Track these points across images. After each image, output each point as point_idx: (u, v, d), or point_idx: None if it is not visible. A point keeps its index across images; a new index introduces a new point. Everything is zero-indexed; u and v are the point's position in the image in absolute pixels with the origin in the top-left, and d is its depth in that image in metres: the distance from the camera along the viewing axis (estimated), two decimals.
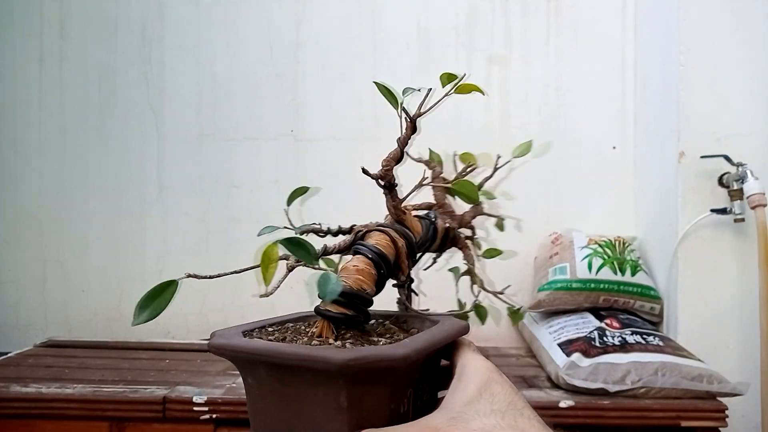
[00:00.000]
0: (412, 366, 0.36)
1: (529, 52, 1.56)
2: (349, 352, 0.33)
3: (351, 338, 0.40)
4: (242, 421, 1.00)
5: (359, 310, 0.41)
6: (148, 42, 1.61)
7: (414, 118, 0.42)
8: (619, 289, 1.28)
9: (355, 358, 0.32)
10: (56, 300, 1.61)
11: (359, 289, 0.41)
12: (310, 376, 0.34)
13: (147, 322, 0.35)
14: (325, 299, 0.37)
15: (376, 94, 0.42)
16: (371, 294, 0.42)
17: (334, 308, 0.40)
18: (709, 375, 1.04)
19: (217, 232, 1.59)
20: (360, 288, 0.41)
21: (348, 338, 0.40)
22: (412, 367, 0.36)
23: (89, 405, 1.03)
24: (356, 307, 0.41)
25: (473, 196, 0.45)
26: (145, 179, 1.60)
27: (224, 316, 1.57)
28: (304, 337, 0.41)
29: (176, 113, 1.60)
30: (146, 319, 0.36)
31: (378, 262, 0.42)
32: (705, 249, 1.24)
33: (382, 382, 0.34)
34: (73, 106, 1.62)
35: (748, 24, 1.24)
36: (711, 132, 1.24)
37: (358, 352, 0.33)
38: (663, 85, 1.35)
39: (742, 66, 1.24)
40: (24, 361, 1.30)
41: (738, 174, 1.19)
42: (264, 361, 0.36)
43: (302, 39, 1.59)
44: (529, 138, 0.56)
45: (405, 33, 1.57)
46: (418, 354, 0.35)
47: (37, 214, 1.62)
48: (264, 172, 1.58)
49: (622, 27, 1.54)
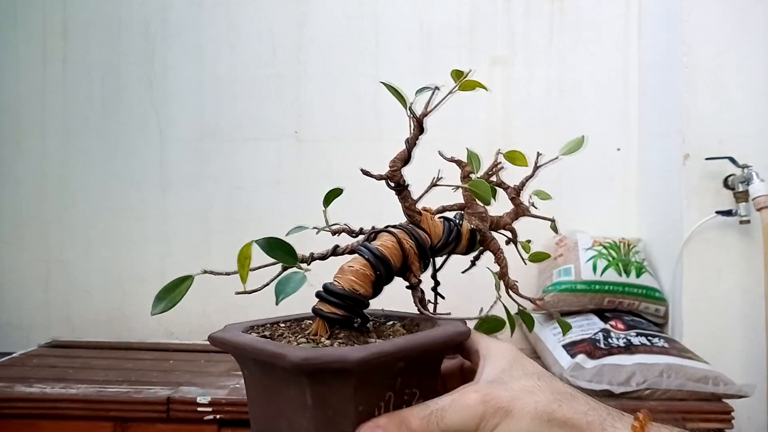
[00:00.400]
0: (380, 369, 0.35)
1: (531, 53, 1.55)
2: (305, 352, 0.34)
3: (343, 337, 0.40)
4: (246, 421, 0.99)
5: (351, 311, 0.41)
6: (151, 43, 1.61)
7: (421, 117, 0.42)
8: (623, 290, 1.28)
9: (307, 357, 0.33)
10: (59, 300, 1.61)
11: (351, 290, 0.41)
12: (282, 372, 0.35)
13: (163, 312, 0.38)
14: (277, 300, 0.37)
15: (378, 94, 0.41)
16: (364, 295, 0.42)
17: (326, 308, 0.41)
18: (714, 377, 1.03)
19: (219, 233, 1.59)
20: (352, 289, 0.41)
21: (340, 337, 0.40)
22: (380, 370, 0.36)
23: (93, 405, 1.03)
24: (348, 308, 0.41)
25: (486, 196, 0.44)
26: (147, 179, 1.60)
27: (227, 316, 1.56)
28: (300, 336, 0.41)
29: (179, 114, 1.60)
30: (162, 310, 0.38)
31: (375, 264, 0.42)
32: (710, 251, 1.24)
33: (344, 383, 0.34)
34: (76, 106, 1.62)
35: (751, 25, 1.24)
36: (715, 133, 1.23)
37: (313, 352, 0.34)
38: (667, 87, 1.35)
39: (746, 67, 1.24)
40: (28, 362, 1.30)
41: (743, 176, 1.19)
42: (249, 355, 0.38)
43: (304, 40, 1.59)
44: (532, 139, 0.55)
45: (407, 34, 1.57)
46: (380, 358, 0.34)
47: (39, 214, 1.62)
48: (266, 172, 1.58)
49: (626, 28, 1.54)
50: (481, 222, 0.48)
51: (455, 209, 0.50)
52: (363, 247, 0.43)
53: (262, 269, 0.40)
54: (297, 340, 0.40)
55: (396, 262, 0.43)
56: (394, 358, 0.36)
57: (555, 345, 1.20)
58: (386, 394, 0.36)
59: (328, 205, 0.47)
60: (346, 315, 0.41)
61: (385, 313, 0.49)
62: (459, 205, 0.50)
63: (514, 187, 0.51)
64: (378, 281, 0.42)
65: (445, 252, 0.47)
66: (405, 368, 0.37)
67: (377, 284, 0.43)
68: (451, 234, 0.46)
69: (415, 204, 0.45)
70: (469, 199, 0.48)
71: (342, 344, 0.39)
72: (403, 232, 0.44)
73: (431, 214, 0.47)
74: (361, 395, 0.35)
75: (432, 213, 0.48)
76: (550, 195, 0.49)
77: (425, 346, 0.38)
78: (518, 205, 0.51)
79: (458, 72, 0.42)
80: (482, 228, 0.48)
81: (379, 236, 0.44)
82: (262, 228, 1.62)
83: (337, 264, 0.43)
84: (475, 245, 0.48)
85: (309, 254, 0.42)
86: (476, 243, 0.48)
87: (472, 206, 0.48)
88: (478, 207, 0.48)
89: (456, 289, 0.57)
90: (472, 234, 0.48)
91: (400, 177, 0.43)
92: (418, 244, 0.44)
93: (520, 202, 0.51)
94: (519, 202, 0.51)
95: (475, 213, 0.48)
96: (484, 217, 0.48)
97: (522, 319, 0.52)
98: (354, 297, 0.41)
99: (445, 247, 0.46)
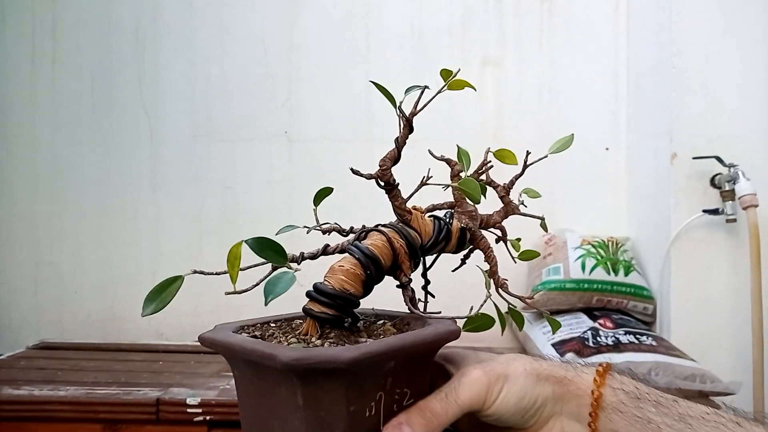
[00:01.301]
0: (371, 369, 0.36)
1: (522, 53, 1.56)
2: (296, 352, 0.34)
3: (334, 337, 0.40)
4: (236, 422, 0.99)
5: (342, 310, 0.41)
6: (141, 43, 1.60)
7: (410, 117, 0.42)
8: (612, 289, 1.29)
9: (297, 358, 0.33)
10: (49, 301, 1.60)
11: (341, 290, 0.41)
12: (273, 372, 0.35)
13: (153, 313, 0.37)
14: (266, 300, 0.37)
15: (369, 94, 0.42)
16: (355, 294, 0.42)
17: (317, 307, 0.41)
18: (701, 374, 1.04)
19: (210, 233, 1.58)
20: (342, 288, 0.41)
21: (331, 337, 0.40)
22: (371, 370, 0.36)
23: (82, 407, 1.03)
24: (338, 307, 0.41)
25: (476, 195, 0.44)
26: (138, 180, 1.59)
27: (218, 317, 1.55)
28: (291, 335, 0.41)
29: (170, 114, 1.60)
30: (153, 311, 0.37)
31: (365, 263, 0.42)
32: (697, 249, 1.25)
33: (336, 383, 0.34)
34: (66, 106, 1.61)
35: (740, 26, 1.25)
36: (703, 133, 1.25)
37: (304, 353, 0.34)
38: (655, 87, 1.36)
39: (734, 68, 1.25)
40: (16, 363, 1.29)
41: (730, 175, 1.20)
42: (240, 356, 0.38)
43: (296, 40, 1.59)
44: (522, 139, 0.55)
45: (399, 34, 1.57)
46: (372, 357, 0.35)
47: (29, 215, 1.61)
48: (258, 172, 1.58)
49: (615, 29, 1.55)
50: (471, 220, 0.48)
51: (445, 208, 0.50)
52: (353, 246, 0.43)
53: (253, 269, 0.40)
54: (288, 340, 0.40)
55: (386, 261, 0.43)
56: (384, 358, 0.36)
57: (544, 343, 1.20)
58: (377, 394, 0.37)
59: (318, 204, 0.47)
60: (337, 314, 0.41)
61: (375, 312, 0.49)
62: (449, 203, 0.50)
63: (504, 186, 0.51)
64: (368, 280, 0.43)
65: (435, 251, 0.47)
66: (395, 367, 0.37)
67: (368, 283, 0.43)
68: (441, 233, 0.46)
69: (405, 203, 0.45)
70: (459, 197, 0.48)
71: (333, 344, 0.39)
72: (394, 231, 0.44)
73: (421, 213, 0.47)
74: (353, 395, 0.35)
75: (422, 212, 0.48)
76: (540, 193, 0.50)
77: (415, 346, 0.38)
78: (508, 203, 0.51)
79: (447, 71, 0.42)
80: (472, 226, 0.48)
81: (370, 235, 0.44)
82: (255, 228, 1.62)
83: (328, 263, 0.43)
84: (465, 244, 0.49)
85: (299, 254, 0.42)
86: (466, 242, 0.48)
87: (461, 205, 0.48)
88: (467, 205, 0.48)
89: (446, 288, 0.58)
90: (461, 232, 0.48)
91: (390, 176, 0.43)
92: (408, 243, 0.44)
93: (510, 201, 0.51)
94: (508, 201, 0.51)
95: (464, 212, 0.48)
96: (473, 215, 0.48)
97: (512, 317, 0.52)
98: (344, 296, 0.41)
99: (435, 246, 0.47)
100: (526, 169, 0.49)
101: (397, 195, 0.44)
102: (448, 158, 0.48)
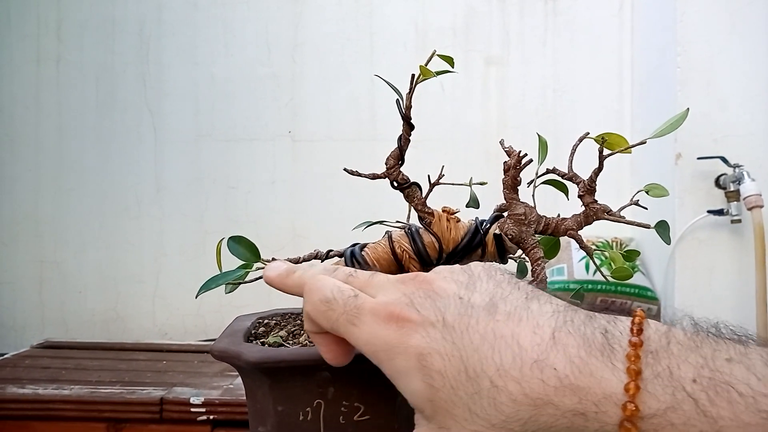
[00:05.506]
0: (296, 374, 0.35)
1: (526, 53, 1.56)
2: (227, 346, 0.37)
3: None
4: (239, 422, 1.00)
5: None
6: (145, 43, 1.60)
7: (406, 112, 0.40)
8: (616, 290, 1.28)
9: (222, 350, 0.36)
10: (53, 301, 1.60)
11: None
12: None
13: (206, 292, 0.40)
14: (197, 293, 0.39)
15: (373, 94, 0.41)
16: None
17: None
18: None
19: (214, 233, 1.58)
20: None
21: None
22: (297, 375, 0.35)
23: (86, 406, 1.03)
24: None
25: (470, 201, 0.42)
26: (142, 180, 1.60)
27: (221, 317, 1.56)
28: (284, 330, 0.42)
29: (174, 114, 1.60)
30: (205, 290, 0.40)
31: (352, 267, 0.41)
32: (702, 250, 1.24)
33: (259, 381, 0.36)
34: (70, 107, 1.61)
35: (744, 25, 1.25)
36: (708, 133, 1.24)
37: (230, 346, 0.36)
38: (660, 86, 1.36)
39: (739, 67, 1.25)
40: (21, 362, 1.29)
41: (735, 175, 1.19)
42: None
43: (300, 40, 1.59)
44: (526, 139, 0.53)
45: (403, 34, 1.57)
46: (278, 362, 0.34)
47: (34, 214, 1.61)
48: (261, 172, 1.58)
49: (619, 28, 1.54)
50: (517, 226, 0.40)
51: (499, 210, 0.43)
52: (348, 251, 0.41)
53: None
54: (278, 334, 0.41)
55: (384, 267, 0.41)
56: (305, 365, 0.35)
57: None
58: (314, 401, 0.35)
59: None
60: None
61: None
62: (502, 205, 0.42)
63: (585, 183, 0.41)
64: None
65: (470, 258, 0.41)
66: (336, 379, 0.35)
67: None
68: (474, 239, 0.41)
69: (425, 202, 0.41)
70: (509, 198, 0.41)
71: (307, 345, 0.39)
72: (403, 235, 0.42)
73: (449, 215, 0.42)
74: (277, 396, 0.35)
75: (451, 213, 0.42)
76: (668, 191, 0.41)
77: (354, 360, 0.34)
78: (589, 204, 0.40)
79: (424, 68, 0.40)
80: (512, 233, 0.40)
81: (379, 240, 0.43)
82: (258, 228, 1.63)
83: None
84: (505, 253, 0.42)
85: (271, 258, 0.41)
86: (506, 251, 0.41)
87: (511, 206, 0.41)
88: (517, 207, 0.40)
89: None
90: (497, 240, 0.40)
91: (398, 175, 0.41)
92: (416, 249, 0.41)
93: (593, 201, 0.40)
94: (590, 201, 0.40)
95: (512, 214, 0.40)
96: (522, 220, 0.40)
97: None
98: None
99: (468, 252, 0.41)
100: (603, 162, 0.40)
101: (412, 194, 0.41)
102: (510, 149, 0.41)
